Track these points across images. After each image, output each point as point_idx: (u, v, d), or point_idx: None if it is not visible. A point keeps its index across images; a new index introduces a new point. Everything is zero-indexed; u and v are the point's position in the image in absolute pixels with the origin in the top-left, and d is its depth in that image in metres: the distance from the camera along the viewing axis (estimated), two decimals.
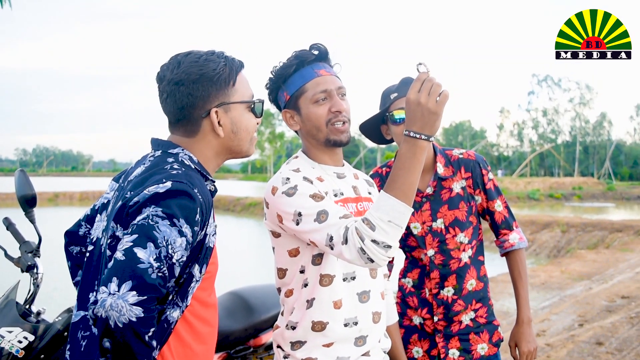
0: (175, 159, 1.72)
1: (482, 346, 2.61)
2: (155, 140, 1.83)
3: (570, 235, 19.46)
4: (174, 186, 1.57)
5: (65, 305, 2.85)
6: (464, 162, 2.62)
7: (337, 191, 2.10)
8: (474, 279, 2.60)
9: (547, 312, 7.83)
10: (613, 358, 5.81)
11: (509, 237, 2.68)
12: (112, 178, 1.93)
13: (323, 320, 2.02)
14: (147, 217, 1.52)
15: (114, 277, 1.46)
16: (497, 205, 2.66)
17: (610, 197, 45.97)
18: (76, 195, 43.00)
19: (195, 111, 1.74)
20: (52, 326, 2.62)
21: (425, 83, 1.74)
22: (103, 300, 1.44)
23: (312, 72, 2.08)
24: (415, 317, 2.63)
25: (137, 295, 1.44)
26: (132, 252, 1.48)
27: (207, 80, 1.73)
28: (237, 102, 1.78)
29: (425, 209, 2.58)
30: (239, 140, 1.82)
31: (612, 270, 11.09)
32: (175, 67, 1.74)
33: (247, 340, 3.31)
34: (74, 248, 2.06)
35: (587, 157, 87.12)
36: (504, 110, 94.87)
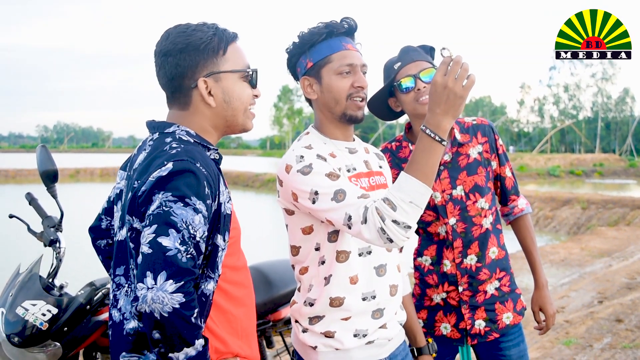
0: (173, 137, 1.71)
1: (507, 315, 2.61)
2: (150, 123, 1.81)
3: (590, 212, 19.29)
4: (175, 166, 1.57)
5: (87, 279, 2.89)
6: (479, 127, 2.62)
7: (350, 166, 2.09)
8: (495, 246, 2.60)
9: (567, 288, 7.81)
10: (632, 335, 5.79)
11: (518, 203, 2.71)
12: (120, 167, 1.93)
13: (340, 295, 2.04)
14: (161, 205, 1.54)
15: (147, 271, 1.50)
16: (507, 171, 2.67)
17: (631, 174, 45.38)
18: (97, 171, 43.38)
19: (185, 81, 1.73)
20: (75, 299, 2.66)
21: (453, 66, 1.74)
22: (144, 296, 1.48)
23: (340, 44, 2.06)
24: (435, 295, 2.62)
25: (174, 282, 1.49)
26: (157, 242, 1.51)
27: (194, 49, 1.71)
28: (227, 71, 1.76)
29: (443, 177, 2.56)
30: (232, 110, 1.79)
31: (632, 247, 11.01)
32: (164, 39, 1.75)
33: (266, 315, 3.34)
34: (100, 242, 2.07)
35: (609, 133, 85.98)
36: (524, 86, 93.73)
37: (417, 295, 2.71)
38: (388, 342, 2.15)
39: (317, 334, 2.06)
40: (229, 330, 1.75)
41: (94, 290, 2.74)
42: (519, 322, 2.66)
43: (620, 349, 5.40)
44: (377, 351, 2.11)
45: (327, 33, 2.05)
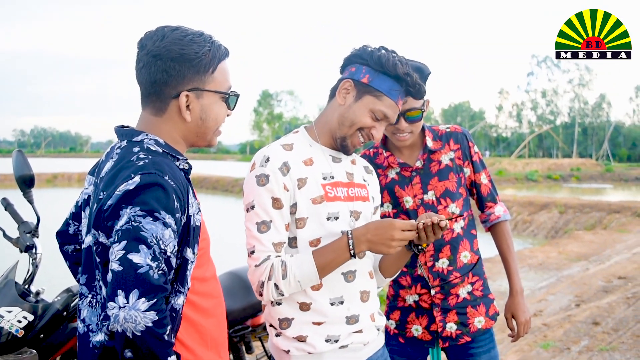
0: (141, 147, 1.66)
1: (479, 319, 2.63)
2: (119, 130, 1.76)
3: (568, 216, 19.50)
4: (143, 180, 1.53)
5: (64, 285, 2.86)
6: (452, 134, 2.66)
7: (327, 174, 2.09)
8: (467, 251, 2.62)
9: (544, 292, 7.88)
10: (609, 338, 5.86)
11: (495, 210, 2.73)
12: (89, 172, 1.86)
13: (307, 301, 2.04)
14: (130, 220, 1.49)
15: (119, 289, 1.46)
16: (482, 178, 2.70)
17: (608, 179, 45.96)
18: (74, 176, 42.95)
19: (167, 89, 1.68)
20: (52, 306, 2.63)
21: (410, 229, 1.96)
22: (116, 316, 1.45)
23: (397, 95, 2.07)
24: (408, 296, 2.65)
25: (147, 300, 1.46)
26: (127, 259, 1.47)
27: (186, 61, 1.67)
28: (212, 90, 1.72)
29: (415, 182, 2.61)
30: (205, 128, 1.75)
31: (609, 251, 11.14)
32: (158, 39, 1.67)
33: (245, 320, 3.33)
34: (68, 247, 2.00)
35: (586, 138, 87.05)
36: (503, 92, 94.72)
37: (390, 296, 2.74)
38: (364, 347, 2.14)
39: (289, 339, 2.06)
40: (198, 341, 1.73)
41: (71, 296, 2.72)
42: (491, 327, 2.67)
43: (597, 351, 5.46)
44: (351, 355, 2.10)
45: (400, 79, 2.05)
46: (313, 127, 2.16)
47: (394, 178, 2.64)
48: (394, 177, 2.64)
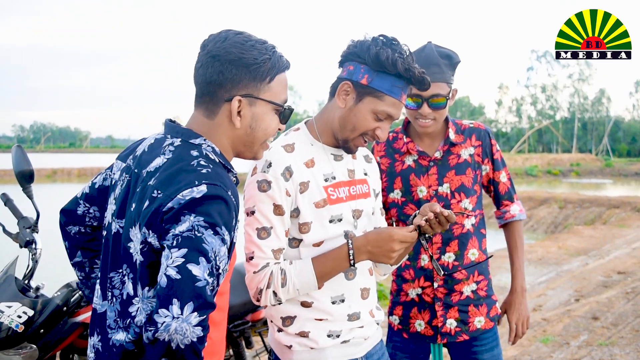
0: (200, 152, 1.62)
1: (479, 319, 2.62)
2: (172, 126, 1.71)
3: (567, 211, 19.52)
4: (210, 191, 1.50)
5: (64, 280, 2.86)
6: (475, 130, 2.64)
7: (329, 175, 2.07)
8: (475, 249, 2.61)
9: (544, 287, 7.89)
10: (608, 332, 5.87)
11: (510, 209, 2.73)
12: (116, 156, 1.81)
13: (308, 300, 2.04)
14: (193, 229, 1.46)
15: (174, 298, 1.42)
16: (502, 176, 2.69)
17: (608, 174, 46.00)
18: (74, 171, 42.95)
19: (221, 91, 1.65)
20: (52, 301, 2.64)
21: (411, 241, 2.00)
22: (167, 325, 1.41)
23: (399, 91, 1.98)
24: (410, 290, 2.64)
25: (199, 315, 1.43)
26: (186, 269, 1.43)
27: (244, 66, 1.63)
28: (266, 100, 1.68)
29: (432, 172, 2.59)
30: (253, 137, 1.71)
31: (608, 246, 11.16)
32: (220, 40, 1.64)
33: (245, 315, 3.33)
34: (72, 228, 1.92)
35: (586, 133, 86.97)
36: (502, 86, 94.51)
37: (393, 291, 2.73)
38: (364, 341, 2.15)
39: (291, 334, 2.06)
40: (205, 353, 1.73)
41: (71, 291, 2.72)
42: (491, 327, 2.66)
43: (596, 346, 5.47)
44: (352, 350, 2.11)
45: (400, 75, 1.96)
46: (314, 124, 2.13)
47: (411, 165, 2.61)
48: (411, 165, 2.61)
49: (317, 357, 2.06)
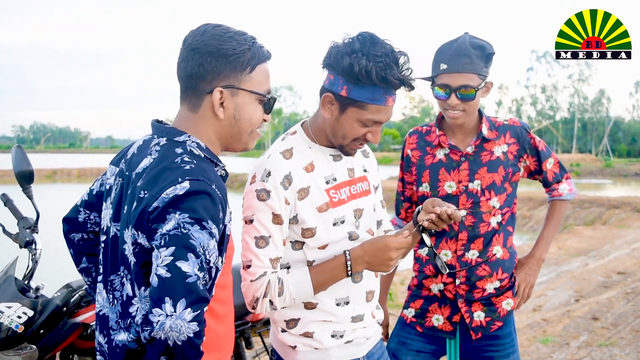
0: (184, 148, 1.63)
1: (507, 302, 2.61)
2: (157, 126, 1.73)
3: (567, 211, 19.49)
4: (192, 186, 1.51)
5: (64, 280, 2.86)
6: (509, 127, 2.61)
7: (330, 177, 2.06)
8: (500, 246, 2.59)
9: (544, 287, 7.89)
10: (608, 333, 5.87)
11: (559, 187, 2.72)
12: (109, 162, 1.84)
13: (312, 301, 2.04)
14: (179, 226, 1.47)
15: (166, 296, 1.44)
16: (548, 164, 2.67)
17: (607, 174, 46.01)
18: (74, 172, 42.97)
19: (202, 84, 1.66)
20: (51, 302, 2.63)
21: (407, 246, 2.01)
22: (162, 323, 1.43)
23: (383, 97, 1.91)
24: (433, 285, 2.62)
25: (192, 311, 1.45)
26: (176, 267, 1.45)
27: (223, 57, 1.64)
28: (248, 90, 1.69)
29: (463, 168, 2.56)
30: (238, 128, 1.71)
31: (608, 247, 11.16)
32: (199, 34, 1.66)
33: (245, 316, 3.33)
34: (75, 235, 1.96)
35: (586, 133, 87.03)
36: (502, 87, 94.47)
37: (413, 286, 2.70)
38: (366, 341, 2.16)
39: (295, 335, 2.07)
40: (209, 347, 1.74)
41: (71, 292, 2.72)
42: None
43: (596, 346, 5.47)
44: (355, 350, 2.12)
45: (378, 82, 1.87)
46: (309, 127, 2.11)
47: (442, 159, 2.59)
48: (442, 159, 2.59)
49: (321, 357, 2.07)
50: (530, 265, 2.68)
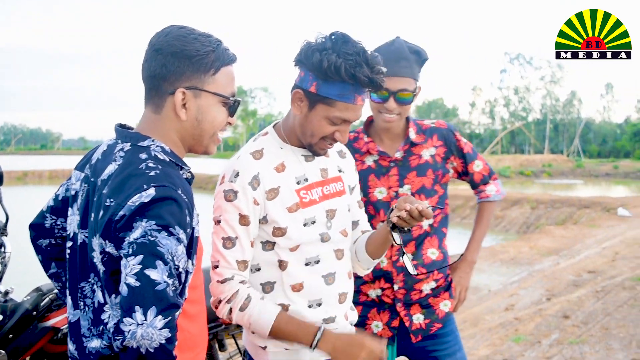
0: (148, 154, 1.62)
1: (444, 303, 2.62)
2: (120, 131, 1.71)
3: (539, 211, 19.77)
4: (158, 193, 1.50)
5: (33, 284, 2.83)
6: (436, 130, 2.62)
7: (301, 177, 2.06)
8: (435, 248, 2.60)
9: (516, 286, 7.98)
10: (579, 331, 5.96)
11: (486, 189, 2.74)
12: (74, 167, 1.81)
13: (285, 302, 2.04)
14: (146, 234, 1.46)
15: (136, 305, 1.43)
16: (475, 166, 2.68)
17: (579, 174, 46.69)
18: (45, 173, 42.38)
19: (165, 85, 1.65)
20: (21, 305, 2.60)
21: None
22: (133, 332, 1.42)
23: (352, 95, 1.92)
24: (370, 291, 2.61)
25: (163, 318, 1.44)
26: (145, 275, 1.44)
27: (186, 58, 1.63)
28: (210, 92, 1.68)
29: (392, 174, 2.56)
30: (201, 130, 1.70)
31: (579, 246, 11.32)
32: (163, 35, 1.66)
33: (218, 318, 3.31)
34: (42, 241, 1.94)
35: (557, 134, 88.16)
36: (476, 88, 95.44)
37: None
38: None
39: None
40: (182, 347, 1.73)
41: (41, 295, 2.69)
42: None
43: (567, 344, 5.55)
44: None
45: (347, 79, 1.88)
46: (281, 128, 2.11)
47: (371, 166, 2.58)
48: (371, 165, 2.58)
49: (292, 357, 2.07)
50: (463, 268, 2.73)
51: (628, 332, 5.87)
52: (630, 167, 49.02)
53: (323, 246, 2.06)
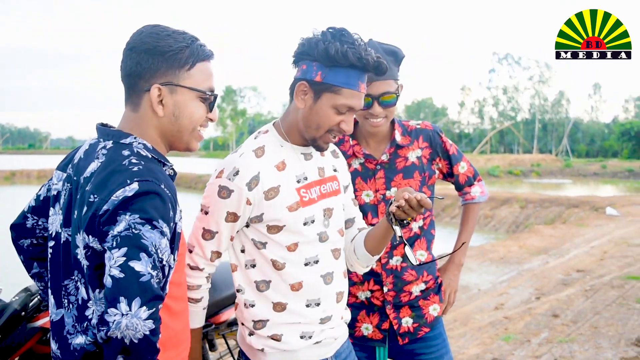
0: (131, 150, 1.64)
1: (433, 307, 2.62)
2: (102, 129, 1.72)
3: (528, 211, 19.85)
4: (142, 187, 1.52)
5: (22, 284, 2.81)
6: (422, 132, 2.61)
7: (301, 176, 2.07)
8: (423, 250, 2.59)
9: (506, 286, 8.00)
10: (568, 330, 5.98)
11: (471, 191, 2.75)
12: (56, 166, 1.83)
13: (282, 301, 2.04)
14: (130, 227, 1.48)
15: (121, 296, 1.44)
16: (461, 167, 2.68)
17: (567, 174, 46.95)
18: (34, 173, 42.12)
19: (140, 82, 1.67)
20: (9, 306, 2.58)
21: None
22: (117, 323, 1.44)
23: (356, 82, 1.96)
24: (360, 293, 2.60)
25: (147, 309, 1.46)
26: (129, 267, 1.46)
27: (159, 54, 1.65)
28: (185, 86, 1.69)
29: (379, 176, 2.55)
30: (179, 126, 1.71)
31: (568, 245, 11.37)
32: (137, 33, 1.69)
33: (208, 318, 3.31)
34: (24, 241, 1.94)
35: (546, 134, 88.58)
36: (465, 88, 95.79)
37: None
38: (334, 341, 2.17)
39: (263, 337, 2.06)
40: (166, 344, 1.73)
41: (29, 296, 2.67)
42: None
43: (556, 343, 5.57)
44: (323, 350, 2.13)
45: (353, 65, 1.93)
46: (279, 126, 2.11)
47: (357, 169, 2.56)
48: (357, 168, 2.56)
49: (290, 358, 2.08)
50: (451, 270, 2.74)
51: (617, 330, 5.90)
52: (618, 167, 49.32)
53: (321, 246, 2.07)
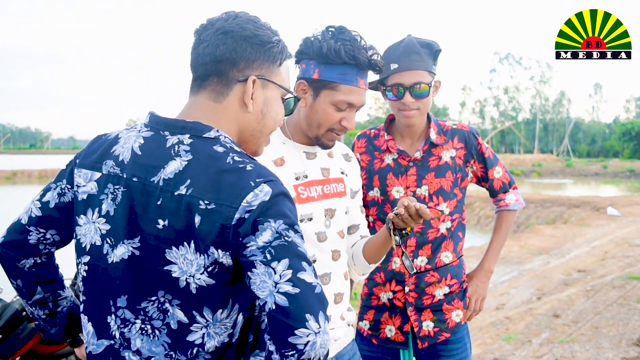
0: (224, 147, 1.43)
1: (456, 313, 2.58)
2: (165, 120, 1.49)
3: (529, 210, 19.84)
4: (273, 189, 1.35)
5: None
6: (457, 132, 2.58)
7: (301, 174, 2.06)
8: (449, 251, 2.56)
9: (507, 286, 8.00)
10: (569, 330, 5.98)
11: (506, 198, 2.72)
12: (77, 164, 1.52)
13: None
14: (280, 235, 1.33)
15: (306, 313, 1.29)
16: (496, 172, 2.65)
17: (568, 174, 46.93)
18: (35, 173, 42.14)
19: (233, 71, 1.48)
20: (10, 306, 2.59)
21: None
22: (312, 343, 1.29)
23: (354, 77, 1.97)
24: (382, 294, 2.57)
25: (327, 321, 1.34)
26: (300, 280, 1.31)
27: (259, 44, 1.49)
28: (279, 84, 1.54)
29: (411, 173, 2.53)
30: (263, 125, 1.55)
31: (569, 245, 11.37)
32: (230, 17, 1.50)
33: None
34: (25, 262, 1.62)
35: (547, 134, 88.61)
36: (466, 88, 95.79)
37: (364, 295, 2.66)
38: (334, 342, 2.14)
39: None
40: None
41: None
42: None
43: (557, 343, 5.57)
44: None
45: (348, 61, 1.94)
46: (284, 124, 2.11)
47: (390, 164, 2.55)
48: (390, 164, 2.55)
49: None
50: (480, 277, 2.68)
51: (618, 330, 5.90)
52: (619, 167, 49.31)
53: (319, 246, 2.05)
